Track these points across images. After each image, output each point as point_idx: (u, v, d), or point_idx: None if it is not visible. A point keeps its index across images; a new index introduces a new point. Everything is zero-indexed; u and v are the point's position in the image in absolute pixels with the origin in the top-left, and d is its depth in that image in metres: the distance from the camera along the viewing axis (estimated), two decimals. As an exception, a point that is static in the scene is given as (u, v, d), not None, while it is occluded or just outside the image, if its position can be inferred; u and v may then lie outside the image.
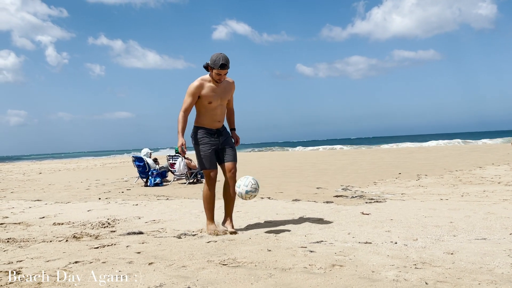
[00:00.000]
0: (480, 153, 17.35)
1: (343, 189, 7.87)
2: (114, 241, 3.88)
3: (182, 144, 4.04)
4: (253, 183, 3.97)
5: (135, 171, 11.62)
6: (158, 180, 10.07)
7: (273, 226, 4.41)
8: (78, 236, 4.15)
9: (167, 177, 10.82)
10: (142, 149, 11.00)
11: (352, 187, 8.12)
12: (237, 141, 4.42)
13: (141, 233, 4.24)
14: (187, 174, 10.25)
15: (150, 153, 10.87)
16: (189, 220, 4.94)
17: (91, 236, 4.15)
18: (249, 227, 4.39)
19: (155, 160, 10.82)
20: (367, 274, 2.67)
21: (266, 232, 4.10)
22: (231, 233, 4.07)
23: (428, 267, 2.77)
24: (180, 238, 3.96)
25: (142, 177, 10.43)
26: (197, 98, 4.10)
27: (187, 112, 4.10)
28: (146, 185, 10.08)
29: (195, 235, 4.08)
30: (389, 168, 12.48)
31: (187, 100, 4.09)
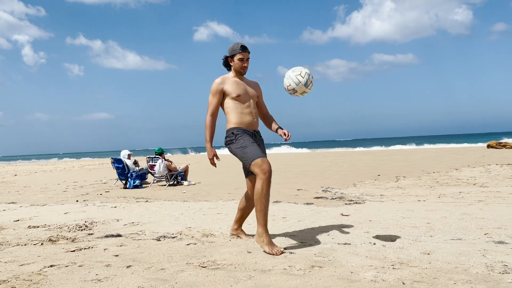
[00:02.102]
0: (456, 155, 17.72)
1: (323, 190, 7.92)
2: (91, 244, 3.81)
3: (214, 155, 3.56)
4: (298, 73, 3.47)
5: (114, 173, 11.46)
6: (137, 182, 9.95)
7: (253, 228, 4.40)
8: (54, 239, 4.06)
9: (146, 179, 10.70)
10: (121, 150, 10.85)
11: (332, 188, 8.19)
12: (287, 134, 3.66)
13: (119, 235, 4.18)
14: (167, 176, 10.16)
15: (129, 155, 10.74)
16: (169, 223, 4.89)
17: (67, 239, 4.07)
18: (229, 229, 4.37)
19: (135, 162, 10.70)
20: (346, 275, 2.69)
21: (246, 234, 4.09)
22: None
23: (406, 267, 2.80)
24: (159, 240, 3.91)
25: (121, 179, 10.29)
26: (222, 96, 3.65)
27: (214, 115, 3.62)
28: (125, 187, 9.95)
29: (174, 237, 4.04)
30: (369, 169, 12.62)
31: (212, 100, 3.63)
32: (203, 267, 2.96)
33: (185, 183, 10.20)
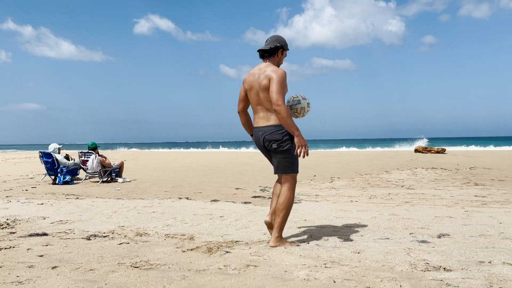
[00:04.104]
0: (387, 159, 18.70)
1: (261, 189, 8.01)
2: (13, 243, 3.56)
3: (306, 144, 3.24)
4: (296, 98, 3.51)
5: (42, 168, 10.79)
6: (68, 177, 9.45)
7: (189, 226, 4.34)
8: (-30, 238, 3.73)
9: (78, 174, 10.20)
10: (50, 144, 10.24)
11: (270, 188, 8.29)
12: None
13: (45, 234, 3.94)
14: (100, 172, 9.75)
15: (59, 148, 10.16)
16: (100, 221, 4.68)
17: (-15, 238, 3.76)
18: (165, 228, 4.28)
19: (66, 156, 10.15)
20: (280, 273, 2.73)
21: (182, 233, 4.03)
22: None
23: (337, 266, 2.90)
24: (89, 239, 3.73)
25: (50, 174, 9.72)
26: None
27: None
28: (54, 183, 9.41)
29: (106, 236, 3.88)
30: (305, 170, 12.94)
31: (283, 90, 3.27)
32: (135, 267, 2.86)
33: (120, 180, 9.84)
